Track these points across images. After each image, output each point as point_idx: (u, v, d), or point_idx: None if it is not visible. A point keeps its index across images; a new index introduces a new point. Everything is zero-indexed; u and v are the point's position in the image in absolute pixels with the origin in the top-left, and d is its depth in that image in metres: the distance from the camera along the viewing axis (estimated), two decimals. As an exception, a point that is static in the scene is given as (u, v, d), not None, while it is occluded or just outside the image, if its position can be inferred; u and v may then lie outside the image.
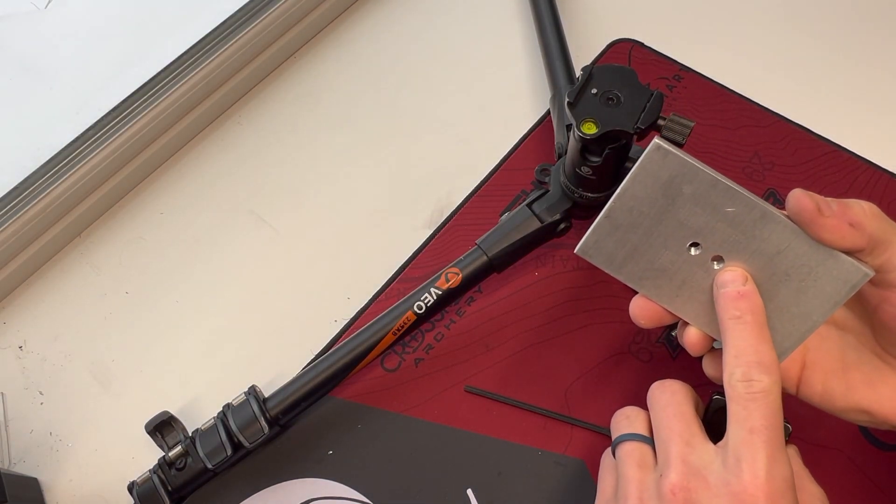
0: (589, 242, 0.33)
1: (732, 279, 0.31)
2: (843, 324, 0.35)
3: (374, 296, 0.50)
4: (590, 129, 0.38)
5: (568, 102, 0.39)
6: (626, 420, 0.35)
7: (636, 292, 0.34)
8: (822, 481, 0.33)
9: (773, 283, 0.31)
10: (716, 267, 0.31)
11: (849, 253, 0.30)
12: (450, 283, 0.43)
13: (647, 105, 0.38)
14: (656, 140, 0.30)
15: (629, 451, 0.33)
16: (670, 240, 0.31)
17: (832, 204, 0.30)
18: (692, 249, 0.31)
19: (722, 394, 0.31)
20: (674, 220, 0.31)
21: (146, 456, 0.45)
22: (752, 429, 0.28)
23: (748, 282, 0.31)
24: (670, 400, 0.33)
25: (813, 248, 0.30)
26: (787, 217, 0.30)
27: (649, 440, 0.33)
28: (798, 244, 0.30)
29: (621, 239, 0.32)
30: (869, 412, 0.33)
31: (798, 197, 0.30)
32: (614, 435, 0.35)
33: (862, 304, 0.34)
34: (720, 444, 0.30)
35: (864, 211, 0.30)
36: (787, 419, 0.30)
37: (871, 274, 0.30)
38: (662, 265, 0.32)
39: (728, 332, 0.31)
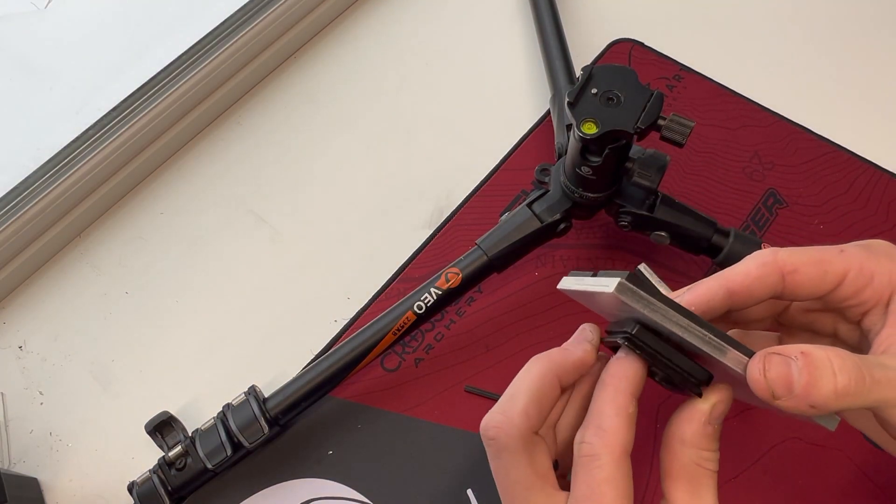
0: (568, 291, 0.32)
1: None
2: None
3: (374, 296, 0.50)
4: (590, 129, 0.38)
5: (568, 102, 0.39)
6: None
7: None
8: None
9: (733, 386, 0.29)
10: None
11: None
12: (450, 283, 0.43)
13: (647, 105, 0.38)
14: (614, 290, 0.26)
15: None
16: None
17: (797, 373, 0.25)
18: None
19: None
20: (641, 321, 0.29)
21: (146, 456, 0.45)
22: None
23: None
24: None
25: None
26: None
27: None
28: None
29: (595, 304, 0.32)
30: None
31: (754, 379, 0.26)
32: None
33: None
34: None
35: (834, 390, 0.24)
36: None
37: (831, 429, 0.27)
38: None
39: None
